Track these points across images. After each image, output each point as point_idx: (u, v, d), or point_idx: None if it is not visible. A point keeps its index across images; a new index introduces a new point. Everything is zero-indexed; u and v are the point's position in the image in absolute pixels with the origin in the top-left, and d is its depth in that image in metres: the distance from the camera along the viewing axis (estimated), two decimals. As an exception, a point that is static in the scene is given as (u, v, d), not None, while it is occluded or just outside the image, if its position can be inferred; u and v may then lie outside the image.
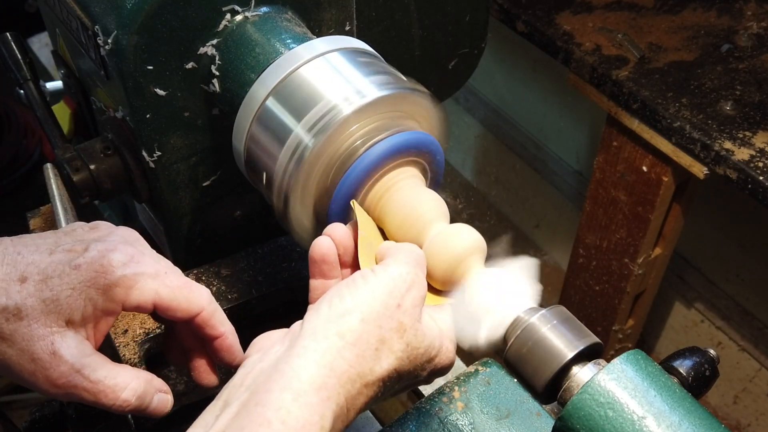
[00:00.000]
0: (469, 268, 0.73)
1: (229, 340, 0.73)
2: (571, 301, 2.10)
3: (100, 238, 0.70)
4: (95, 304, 0.66)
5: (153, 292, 0.68)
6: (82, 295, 0.66)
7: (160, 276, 0.69)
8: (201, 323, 0.71)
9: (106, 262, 0.66)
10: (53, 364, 0.65)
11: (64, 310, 0.65)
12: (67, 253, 0.67)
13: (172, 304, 0.69)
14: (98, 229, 0.73)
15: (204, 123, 0.88)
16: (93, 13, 0.83)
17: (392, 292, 0.65)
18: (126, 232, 0.73)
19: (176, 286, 0.69)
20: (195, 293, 0.71)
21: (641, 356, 0.65)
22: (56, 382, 0.65)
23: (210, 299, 0.72)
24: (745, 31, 1.70)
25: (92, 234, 0.71)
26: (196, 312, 0.71)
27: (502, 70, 2.52)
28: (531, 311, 0.70)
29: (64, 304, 0.65)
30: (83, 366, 0.66)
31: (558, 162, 2.49)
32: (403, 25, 1.08)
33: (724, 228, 2.08)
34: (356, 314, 0.63)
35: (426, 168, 0.79)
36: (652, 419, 0.61)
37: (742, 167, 1.43)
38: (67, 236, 0.71)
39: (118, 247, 0.68)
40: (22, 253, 0.67)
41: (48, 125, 1.00)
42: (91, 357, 0.67)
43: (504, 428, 0.88)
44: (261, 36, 0.81)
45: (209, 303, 0.72)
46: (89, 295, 0.66)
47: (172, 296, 0.69)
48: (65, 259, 0.67)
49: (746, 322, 2.13)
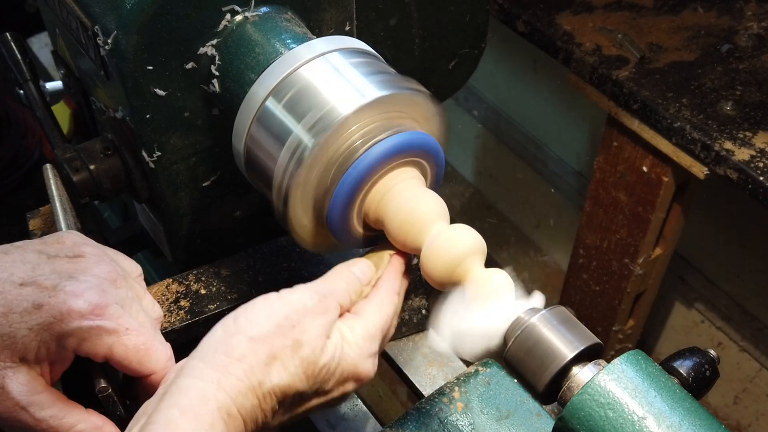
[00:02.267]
0: (468, 269, 0.73)
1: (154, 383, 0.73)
2: (571, 301, 2.09)
3: (75, 275, 0.70)
4: (48, 347, 0.67)
5: (105, 347, 0.68)
6: (37, 337, 0.66)
7: (119, 333, 0.69)
8: (149, 383, 0.72)
9: (65, 309, 0.67)
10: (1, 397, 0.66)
11: (18, 348, 0.66)
12: (36, 288, 0.67)
13: (123, 363, 0.70)
14: (80, 261, 0.72)
15: (204, 123, 0.88)
16: (93, 13, 0.83)
17: (288, 316, 0.67)
18: (105, 270, 0.72)
19: (132, 347, 0.69)
20: (151, 356, 0.71)
21: (641, 357, 0.65)
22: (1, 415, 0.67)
23: (166, 363, 0.72)
24: (746, 32, 1.70)
25: (71, 266, 0.71)
26: (146, 374, 0.71)
27: (502, 70, 2.52)
28: (531, 312, 0.70)
29: (19, 342, 0.66)
30: (30, 404, 0.67)
31: (558, 162, 2.49)
32: (403, 25, 1.08)
33: (724, 228, 2.08)
34: (245, 334, 0.65)
35: (426, 168, 0.79)
36: (653, 420, 0.61)
37: (742, 167, 1.43)
38: (48, 263, 0.70)
39: (85, 294, 0.68)
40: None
41: (48, 125, 1.00)
42: (41, 395, 0.68)
43: (504, 428, 0.88)
44: (261, 36, 0.81)
45: (163, 368, 0.72)
46: (43, 339, 0.67)
47: (124, 356, 0.69)
48: (32, 295, 0.67)
49: (746, 322, 2.13)
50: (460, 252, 0.72)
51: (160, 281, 0.92)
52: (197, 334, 0.83)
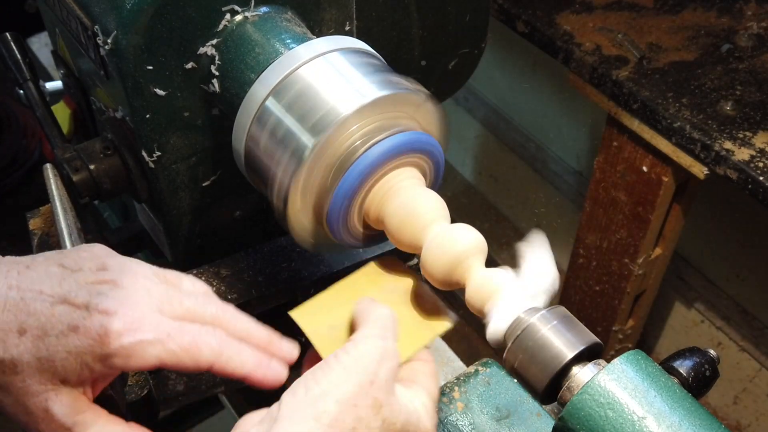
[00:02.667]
0: (469, 269, 0.73)
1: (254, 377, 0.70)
2: (571, 301, 2.10)
3: (104, 291, 0.67)
4: (91, 369, 0.66)
5: (154, 358, 0.67)
6: (78, 360, 0.65)
7: (162, 341, 0.67)
8: (219, 372, 0.70)
9: (103, 332, 0.65)
10: (45, 420, 0.66)
11: (59, 371, 0.65)
12: (68, 307, 0.65)
13: (178, 365, 0.68)
14: (106, 273, 0.69)
15: (204, 123, 0.88)
16: (93, 13, 0.83)
17: (366, 369, 0.65)
18: (133, 279, 0.69)
19: (179, 350, 0.67)
20: (202, 350, 0.68)
21: (641, 356, 0.65)
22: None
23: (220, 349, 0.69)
24: (746, 31, 1.70)
25: (98, 278, 0.69)
26: (205, 368, 0.69)
27: (502, 70, 2.52)
28: (531, 311, 0.69)
29: (59, 366, 0.65)
30: (74, 424, 0.66)
31: (558, 162, 2.49)
32: (403, 25, 1.08)
33: (724, 228, 2.08)
34: (331, 396, 0.63)
35: (426, 168, 0.79)
36: (653, 419, 0.61)
37: (742, 167, 1.43)
38: (73, 277, 0.68)
39: (119, 312, 0.66)
40: (24, 299, 0.65)
41: (48, 125, 1.00)
42: (85, 414, 0.67)
43: (504, 428, 0.88)
44: (261, 36, 0.81)
45: (219, 355, 0.69)
46: (85, 361, 0.65)
47: (176, 360, 0.67)
48: (65, 315, 0.65)
49: (746, 322, 2.13)
50: (460, 251, 0.72)
51: (160, 281, 0.92)
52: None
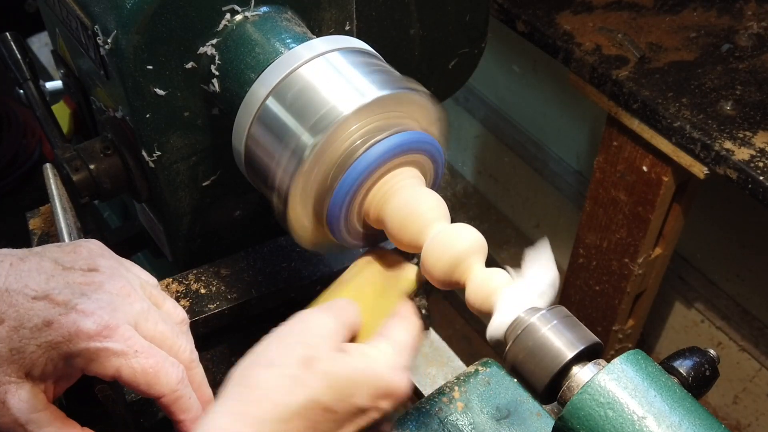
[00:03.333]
0: (469, 268, 0.73)
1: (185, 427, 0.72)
2: (571, 301, 2.09)
3: (87, 292, 0.69)
4: (55, 365, 0.67)
5: (113, 369, 0.68)
6: (45, 355, 0.66)
7: (127, 355, 0.68)
8: (161, 404, 0.71)
9: (74, 330, 0.66)
10: (1, 411, 0.66)
11: (26, 363, 0.66)
12: (48, 303, 0.67)
13: (131, 384, 0.69)
14: (95, 275, 0.71)
15: (204, 123, 0.88)
16: (93, 13, 0.83)
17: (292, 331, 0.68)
18: (119, 285, 0.71)
19: (140, 370, 0.68)
20: (161, 379, 0.70)
21: (641, 356, 0.65)
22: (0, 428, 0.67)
23: (176, 386, 0.71)
24: (746, 31, 1.70)
25: (85, 280, 0.70)
26: (156, 396, 0.70)
27: (502, 70, 2.52)
28: (531, 311, 0.69)
29: (27, 358, 0.66)
30: (28, 421, 0.67)
31: (558, 162, 2.49)
32: (402, 24, 1.08)
33: (724, 228, 2.08)
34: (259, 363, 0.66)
35: (426, 168, 0.79)
36: (652, 419, 0.61)
37: (742, 167, 1.43)
38: (63, 275, 0.70)
39: (95, 314, 0.67)
40: (9, 290, 0.67)
41: (48, 125, 1.00)
42: (41, 413, 0.68)
43: (504, 428, 0.88)
44: (261, 36, 0.81)
45: (173, 391, 0.70)
46: (51, 356, 0.66)
47: (132, 378, 0.69)
48: (43, 311, 0.66)
49: (746, 322, 2.13)
50: (460, 251, 0.72)
51: (160, 281, 0.92)
52: (197, 333, 0.83)
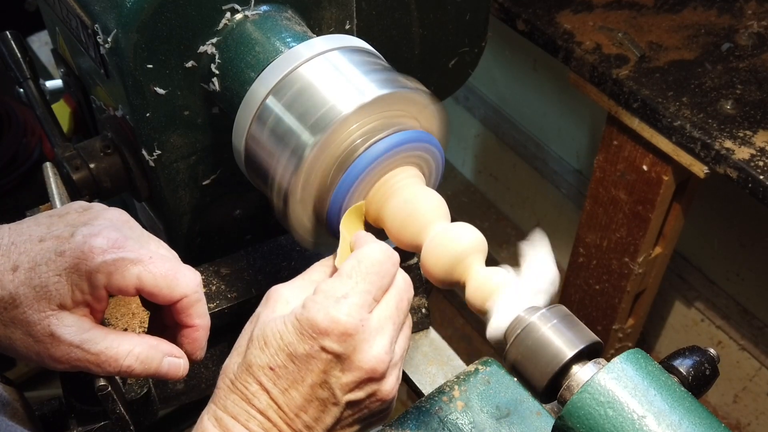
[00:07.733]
0: (469, 267, 0.73)
1: (197, 333, 0.75)
2: (571, 300, 2.09)
3: (88, 222, 0.71)
4: (81, 289, 0.69)
5: (134, 277, 0.69)
6: (68, 281, 0.68)
7: (143, 262, 0.70)
8: (179, 309, 0.73)
9: (87, 248, 0.68)
10: (53, 344, 0.68)
11: (53, 296, 0.68)
12: (55, 240, 0.70)
13: (154, 290, 0.71)
14: (89, 211, 0.74)
15: (204, 122, 0.88)
16: (93, 12, 0.83)
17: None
18: (115, 214, 0.74)
19: (159, 273, 0.71)
20: (180, 280, 0.72)
21: (641, 355, 0.65)
22: (60, 359, 0.69)
23: (196, 287, 0.73)
24: (746, 30, 1.70)
25: (83, 217, 0.73)
26: (177, 299, 0.72)
27: (502, 69, 2.52)
28: (531, 310, 0.69)
29: (53, 289, 0.68)
30: (83, 341, 0.69)
31: (558, 161, 2.49)
32: (403, 23, 1.08)
33: (724, 227, 2.08)
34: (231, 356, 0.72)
35: (426, 167, 0.79)
36: (652, 418, 0.61)
37: (742, 166, 1.43)
38: (60, 220, 0.73)
39: (102, 233, 0.69)
40: (15, 242, 0.70)
41: (48, 124, 1.00)
42: (91, 332, 0.70)
43: (504, 427, 0.88)
44: (261, 35, 0.81)
45: (194, 291, 0.73)
46: (74, 281, 0.68)
47: (154, 283, 0.70)
48: (52, 246, 0.69)
49: (746, 321, 2.13)
50: (460, 250, 0.72)
51: (160, 280, 0.92)
52: (197, 332, 0.83)
